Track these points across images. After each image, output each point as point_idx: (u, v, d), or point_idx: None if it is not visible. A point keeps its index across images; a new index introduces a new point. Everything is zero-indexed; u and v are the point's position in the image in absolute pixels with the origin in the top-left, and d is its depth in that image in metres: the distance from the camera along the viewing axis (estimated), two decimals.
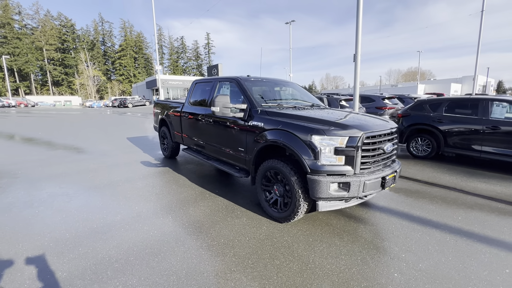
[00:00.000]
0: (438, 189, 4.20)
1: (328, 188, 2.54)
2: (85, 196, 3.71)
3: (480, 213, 3.31)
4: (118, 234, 2.70)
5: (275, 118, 3.05)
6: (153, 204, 3.47)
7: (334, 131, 2.58)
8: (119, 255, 2.34)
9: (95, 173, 4.77)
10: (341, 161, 2.59)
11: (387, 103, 9.48)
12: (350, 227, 2.92)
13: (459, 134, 5.57)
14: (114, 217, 3.08)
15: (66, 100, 61.65)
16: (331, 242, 2.61)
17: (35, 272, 2.10)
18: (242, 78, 3.90)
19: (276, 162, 2.93)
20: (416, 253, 2.44)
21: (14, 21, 66.01)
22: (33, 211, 3.20)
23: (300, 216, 2.87)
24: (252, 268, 2.19)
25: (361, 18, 6.66)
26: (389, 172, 2.86)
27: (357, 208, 3.42)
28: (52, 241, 2.55)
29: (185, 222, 2.98)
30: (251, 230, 2.82)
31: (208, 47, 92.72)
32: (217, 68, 45.40)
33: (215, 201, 3.61)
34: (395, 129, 3.09)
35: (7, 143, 7.79)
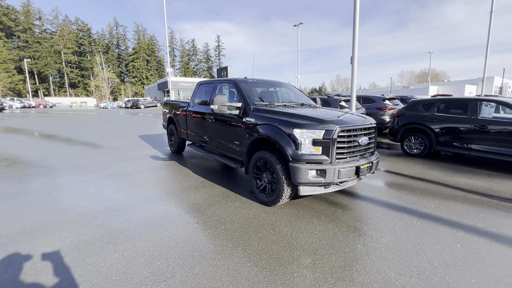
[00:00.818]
0: (422, 182, 4.50)
1: (307, 174, 2.95)
2: (101, 182, 4.26)
3: (453, 202, 3.62)
4: (129, 211, 3.20)
5: (264, 115, 3.48)
6: (159, 190, 3.96)
7: (312, 125, 3.00)
8: (130, 226, 2.83)
9: (109, 165, 5.34)
10: (319, 151, 3.00)
11: (387, 104, 9.71)
12: (329, 211, 3.31)
13: (450, 132, 5.82)
14: (126, 199, 3.59)
15: (81, 101, 64.09)
16: (309, 222, 3.01)
17: (63, 235, 2.61)
18: (239, 79, 4.36)
19: (264, 153, 3.36)
20: (382, 231, 2.80)
21: (35, 26, 69.35)
22: (59, 193, 3.76)
23: (284, 200, 3.28)
24: (238, 238, 2.62)
25: (358, 23, 7.00)
26: (364, 162, 3.23)
27: (340, 196, 3.79)
28: (75, 215, 3.07)
29: (185, 204, 3.45)
30: (241, 211, 3.25)
31: (219, 50, 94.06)
32: (226, 70, 46.08)
33: (213, 188, 4.06)
34: (372, 125, 3.46)
35: (32, 139, 8.56)
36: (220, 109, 3.82)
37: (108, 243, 2.49)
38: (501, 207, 3.47)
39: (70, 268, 2.12)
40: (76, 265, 2.15)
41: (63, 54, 72.36)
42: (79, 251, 2.35)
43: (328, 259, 2.30)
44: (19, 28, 66.12)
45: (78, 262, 2.20)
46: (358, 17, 7.00)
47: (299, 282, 2.00)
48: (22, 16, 66.73)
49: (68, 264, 2.16)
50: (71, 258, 2.24)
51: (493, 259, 2.32)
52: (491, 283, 2.01)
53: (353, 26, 7.07)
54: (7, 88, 54.19)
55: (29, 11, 68.34)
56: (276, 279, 2.03)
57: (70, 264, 2.17)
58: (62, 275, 2.03)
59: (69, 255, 2.29)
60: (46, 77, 72.29)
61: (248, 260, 2.27)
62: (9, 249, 2.37)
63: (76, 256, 2.27)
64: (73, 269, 2.10)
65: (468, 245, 2.55)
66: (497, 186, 4.30)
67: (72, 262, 2.20)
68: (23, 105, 35.85)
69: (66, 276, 2.02)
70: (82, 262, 2.20)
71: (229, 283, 1.98)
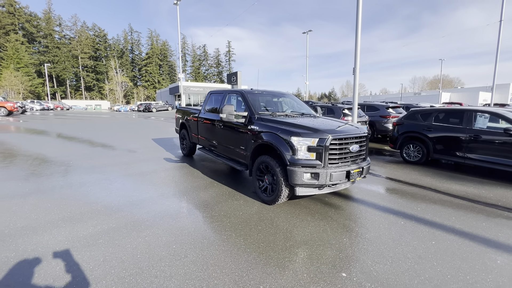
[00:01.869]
0: (414, 188, 4.83)
1: (302, 177, 3.37)
2: (122, 181, 4.79)
3: (439, 206, 3.95)
4: (148, 205, 3.69)
5: (267, 124, 3.94)
6: (172, 188, 4.46)
7: (307, 134, 3.43)
8: (149, 217, 3.31)
9: (128, 165, 5.90)
10: (313, 157, 3.42)
11: (391, 112, 10.00)
12: (323, 210, 3.70)
13: (446, 141, 6.10)
14: (144, 195, 4.10)
15: (96, 104, 66.36)
16: (304, 218, 3.42)
17: (95, 223, 3.12)
18: (246, 91, 4.84)
19: (266, 157, 3.80)
20: (368, 228, 3.18)
21: (55, 32, 72.73)
22: (87, 188, 4.31)
23: (283, 199, 3.70)
24: (240, 230, 3.06)
25: (360, 35, 7.40)
26: (355, 167, 3.63)
27: (335, 198, 4.18)
28: (102, 207, 3.59)
29: (196, 201, 3.93)
30: (245, 208, 3.70)
31: (229, 55, 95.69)
32: (236, 75, 46.97)
33: (221, 188, 4.53)
34: (364, 135, 3.85)
35: (56, 141, 9.30)
36: (228, 118, 4.30)
37: (132, 230, 2.98)
38: (483, 212, 3.77)
39: (103, 247, 2.61)
40: (108, 245, 2.64)
41: (80, 58, 75.38)
42: (109, 235, 2.84)
43: (316, 249, 2.71)
44: (40, 34, 69.55)
45: (109, 243, 2.69)
46: (360, 30, 7.40)
47: (289, 265, 2.42)
48: (44, 23, 70.21)
49: (100, 245, 2.65)
50: (103, 240, 2.74)
51: (461, 254, 2.67)
52: (453, 272, 2.37)
53: (355, 39, 7.47)
54: (27, 91, 56.88)
55: (50, 17, 71.80)
56: (270, 262, 2.46)
57: (102, 244, 2.66)
58: (96, 252, 2.53)
59: (102, 237, 2.79)
60: (63, 81, 75.36)
61: (248, 247, 2.70)
62: (53, 233, 2.88)
63: (107, 239, 2.77)
64: (104, 248, 2.59)
65: (442, 242, 2.90)
66: (486, 193, 4.58)
67: (104, 243, 2.69)
68: (42, 107, 37.62)
69: (100, 254, 2.51)
70: (112, 243, 2.69)
71: (231, 263, 2.42)
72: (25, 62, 60.79)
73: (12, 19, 63.48)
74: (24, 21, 66.13)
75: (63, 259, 2.40)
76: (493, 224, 3.39)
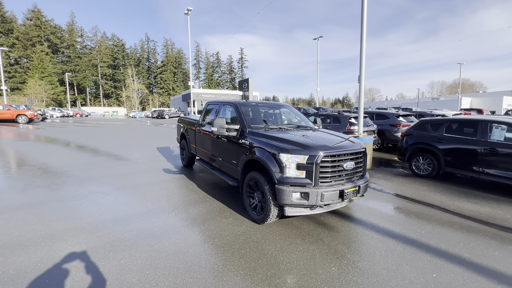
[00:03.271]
0: (421, 206, 4.46)
1: (291, 196, 3.16)
2: (115, 194, 4.75)
3: (446, 229, 3.59)
4: (133, 222, 3.59)
5: (258, 138, 3.76)
6: (163, 203, 4.35)
7: (297, 151, 3.22)
8: (131, 236, 3.20)
9: (125, 177, 5.88)
10: (303, 175, 3.20)
11: (401, 121, 9.54)
12: (316, 232, 3.45)
13: (458, 154, 5.66)
14: (132, 210, 4.02)
15: (113, 111, 68.83)
16: (292, 241, 3.19)
17: (75, 242, 3.04)
18: (240, 102, 4.70)
19: (256, 173, 3.62)
20: (361, 255, 2.91)
21: (77, 43, 76.54)
22: (78, 202, 4.29)
23: (272, 219, 3.49)
24: (222, 254, 2.88)
25: (365, 42, 7.13)
26: (349, 186, 3.37)
27: (331, 217, 3.91)
28: (87, 223, 3.52)
29: (183, 218, 3.79)
30: (232, 228, 3.51)
31: (242, 62, 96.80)
32: (247, 82, 47.26)
33: (212, 204, 4.37)
34: (360, 150, 3.58)
35: (64, 149, 9.55)
36: (219, 131, 4.17)
37: (110, 251, 2.87)
38: (496, 237, 3.38)
39: (73, 271, 2.50)
40: (79, 270, 2.54)
41: (99, 67, 78.76)
42: (84, 257, 2.74)
43: (300, 279, 2.47)
44: (64, 44, 73.51)
45: (82, 267, 2.58)
46: (365, 37, 7.13)
47: None
48: (67, 34, 74.23)
49: (72, 268, 2.55)
50: (76, 263, 2.64)
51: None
52: None
53: (360, 46, 7.20)
54: (50, 99, 59.89)
55: (73, 29, 75.84)
56: None
57: (74, 268, 2.56)
58: (65, 278, 2.42)
59: (76, 259, 2.69)
60: (84, 89, 78.90)
61: (226, 274, 2.51)
62: (30, 252, 2.82)
63: (81, 262, 2.67)
64: (75, 273, 2.48)
65: (445, 275, 2.58)
66: (502, 214, 4.15)
67: (76, 267, 2.59)
68: (62, 114, 39.37)
69: (68, 280, 2.40)
70: (85, 267, 2.58)
71: None
72: (49, 71, 64.23)
73: (38, 31, 67.57)
74: (49, 33, 70.19)
75: (28, 284, 2.31)
76: (507, 253, 3.01)
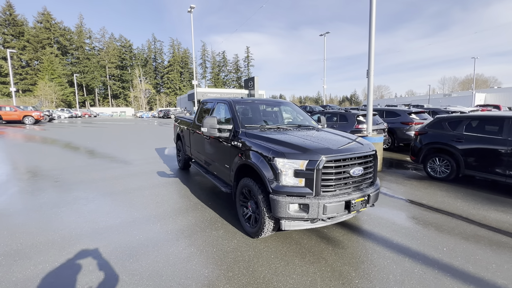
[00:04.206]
0: (440, 215, 3.92)
1: (287, 208, 2.69)
2: (100, 200, 4.38)
3: (473, 245, 3.05)
4: (111, 236, 3.19)
5: (252, 140, 3.30)
6: (150, 211, 3.95)
7: (294, 154, 2.75)
8: (105, 254, 2.80)
9: (116, 180, 5.53)
10: (302, 183, 2.73)
11: (413, 118, 8.89)
12: (318, 248, 2.97)
13: (481, 155, 5.06)
14: (114, 220, 3.63)
15: (121, 111, 69.55)
16: (290, 261, 2.72)
17: (40, 260, 2.66)
18: (234, 100, 4.25)
19: (249, 180, 3.16)
20: (372, 281, 2.42)
21: (86, 44, 77.63)
22: (57, 210, 3.93)
23: (267, 233, 3.03)
24: (205, 278, 2.44)
25: (374, 35, 6.56)
26: (357, 195, 2.87)
27: (336, 229, 3.42)
28: (60, 237, 3.15)
29: (169, 230, 3.37)
30: (222, 243, 3.07)
31: (248, 60, 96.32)
32: (253, 80, 46.86)
33: (204, 212, 3.94)
34: (370, 153, 3.08)
35: (61, 151, 9.33)
36: (210, 132, 3.72)
37: (77, 272, 2.47)
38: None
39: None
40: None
41: (107, 68, 79.69)
42: (43, 282, 2.35)
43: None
44: (73, 46, 74.62)
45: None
46: (373, 31, 6.56)
47: None
48: (76, 36, 75.34)
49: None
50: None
51: None
52: None
53: (369, 37, 6.63)
54: (59, 100, 60.91)
55: (82, 31, 76.93)
56: None
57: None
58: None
59: (32, 285, 2.31)
60: (92, 89, 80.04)
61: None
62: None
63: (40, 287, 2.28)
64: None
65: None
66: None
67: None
68: (70, 115, 39.86)
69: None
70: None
71: None
72: (58, 73, 65.34)
73: (48, 34, 68.79)
74: (58, 35, 71.37)
75: None
76: None
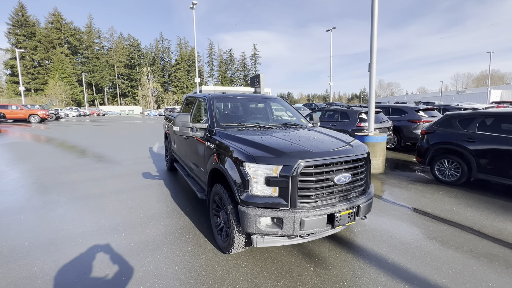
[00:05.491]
0: (447, 227, 3.39)
1: (257, 223, 2.26)
2: (71, 205, 4.05)
3: (485, 267, 2.54)
4: (65, 249, 2.83)
5: (225, 141, 2.87)
6: (119, 219, 3.58)
7: (266, 159, 2.30)
8: (48, 273, 2.43)
9: (96, 182, 5.21)
10: (275, 193, 2.29)
11: (421, 116, 8.25)
12: (297, 269, 2.53)
13: (496, 157, 4.47)
14: (77, 229, 3.27)
15: (129, 110, 70.36)
16: (260, 285, 2.29)
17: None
18: (213, 95, 3.83)
19: (220, 187, 2.74)
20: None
21: (95, 44, 78.77)
22: (19, 217, 3.61)
23: (238, 249, 2.61)
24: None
25: (376, 27, 5.99)
26: (344, 207, 2.41)
27: (322, 243, 2.97)
28: (9, 249, 2.81)
29: (132, 242, 2.99)
30: (187, 259, 2.66)
31: (255, 58, 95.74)
32: (259, 78, 46.31)
33: (178, 220, 3.55)
34: (360, 157, 2.60)
35: (52, 151, 9.13)
36: (182, 131, 3.32)
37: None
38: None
39: None
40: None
41: (116, 67, 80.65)
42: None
43: None
44: (82, 46, 75.80)
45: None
46: (376, 22, 5.99)
47: None
48: (85, 36, 76.49)
49: None
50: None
51: None
52: None
53: (371, 32, 6.07)
54: (69, 99, 62.01)
55: (91, 31, 78.07)
56: None
57: None
58: None
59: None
60: (102, 88, 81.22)
61: None
62: None
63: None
64: None
65: None
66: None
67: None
68: (78, 113, 40.38)
69: None
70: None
71: None
72: (68, 72, 66.51)
73: (59, 34, 70.08)
74: (68, 35, 72.60)
75: None
76: None
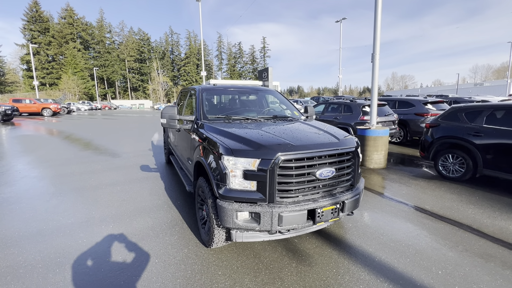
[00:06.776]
0: (443, 225, 3.24)
1: (235, 217, 2.20)
2: (65, 197, 4.12)
3: (479, 269, 2.40)
4: (54, 239, 2.88)
5: (208, 134, 2.80)
6: (110, 210, 3.62)
7: (244, 152, 2.22)
8: (36, 261, 2.47)
9: (94, 174, 5.29)
10: (253, 187, 2.21)
11: (429, 109, 7.91)
12: (278, 264, 2.46)
13: (505, 153, 4.22)
14: (67, 220, 3.32)
15: (140, 104, 71.40)
16: (238, 280, 2.24)
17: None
18: (203, 87, 3.76)
19: (202, 181, 2.70)
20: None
21: (106, 38, 79.82)
22: (15, 207, 3.70)
23: (219, 244, 2.57)
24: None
25: (380, 16, 5.72)
26: (326, 203, 2.32)
27: (309, 239, 2.89)
28: (0, 237, 2.88)
29: (119, 234, 3.00)
30: (169, 252, 2.65)
31: (264, 51, 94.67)
32: (267, 71, 45.83)
33: (167, 214, 3.55)
34: (346, 151, 2.48)
35: (57, 143, 9.35)
36: (169, 124, 3.27)
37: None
38: None
39: None
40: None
41: (126, 61, 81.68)
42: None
43: None
44: (94, 41, 77.00)
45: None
46: (380, 3, 5.72)
47: None
48: (97, 31, 77.59)
49: None
50: None
51: None
52: None
53: (374, 20, 5.80)
54: (82, 93, 63.50)
55: (103, 26, 79.09)
56: None
57: None
58: None
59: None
60: (113, 82, 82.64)
61: None
62: None
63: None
64: None
65: None
66: None
67: None
68: (90, 107, 41.31)
69: None
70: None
71: None
72: (80, 66, 67.90)
73: (71, 29, 71.35)
74: (81, 30, 73.82)
75: None
76: None
